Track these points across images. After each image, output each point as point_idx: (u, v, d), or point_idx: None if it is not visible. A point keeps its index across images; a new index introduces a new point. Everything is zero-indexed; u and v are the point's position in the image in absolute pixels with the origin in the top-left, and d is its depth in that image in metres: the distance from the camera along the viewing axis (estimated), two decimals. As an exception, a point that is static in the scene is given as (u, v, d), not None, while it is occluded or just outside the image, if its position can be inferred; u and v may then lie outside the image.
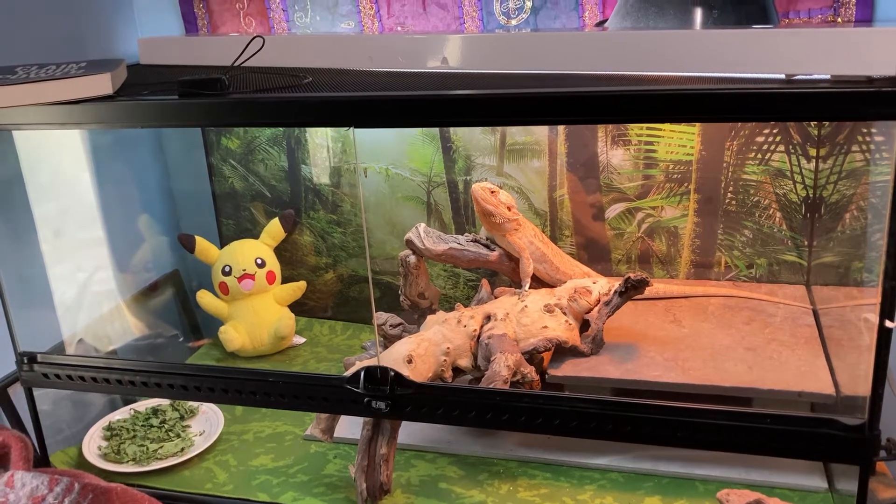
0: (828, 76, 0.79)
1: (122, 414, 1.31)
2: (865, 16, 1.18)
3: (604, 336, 1.16)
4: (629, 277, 1.13)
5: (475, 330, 1.14)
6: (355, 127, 0.91)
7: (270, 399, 1.06)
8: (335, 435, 1.12)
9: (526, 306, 1.17)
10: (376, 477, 1.06)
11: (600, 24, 1.24)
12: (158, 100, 0.96)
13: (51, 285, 1.30)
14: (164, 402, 1.34)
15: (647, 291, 1.16)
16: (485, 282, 1.29)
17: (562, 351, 1.16)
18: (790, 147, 1.26)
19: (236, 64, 1.00)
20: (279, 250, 1.53)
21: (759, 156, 1.27)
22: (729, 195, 1.31)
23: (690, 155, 1.30)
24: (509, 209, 1.21)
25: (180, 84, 0.95)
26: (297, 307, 1.54)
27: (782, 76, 0.81)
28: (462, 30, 1.33)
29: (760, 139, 1.26)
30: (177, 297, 1.60)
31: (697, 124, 1.28)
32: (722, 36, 0.87)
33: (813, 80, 0.79)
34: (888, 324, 0.80)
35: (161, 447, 1.22)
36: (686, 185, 1.32)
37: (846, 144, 1.22)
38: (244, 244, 1.50)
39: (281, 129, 1.49)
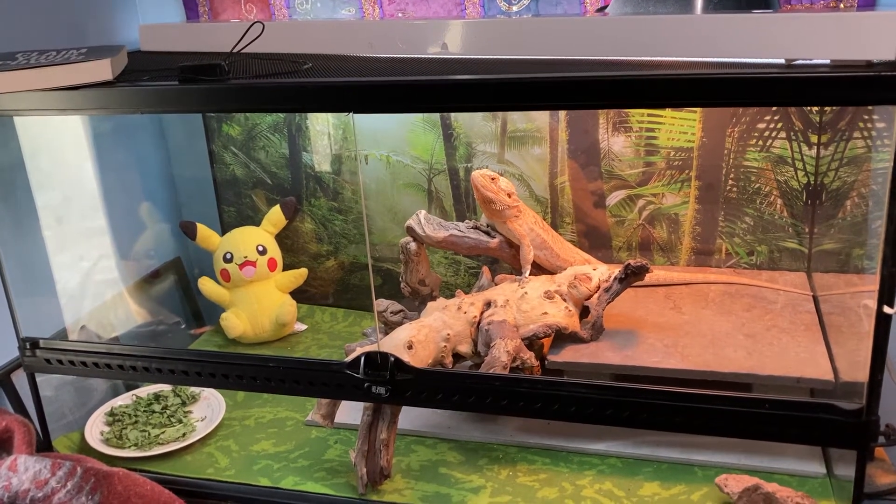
0: (828, 61, 0.79)
1: (124, 400, 1.32)
2: (868, 2, 1.17)
3: (603, 322, 1.17)
4: (629, 264, 1.14)
5: (475, 316, 1.14)
6: (355, 112, 0.91)
7: (271, 384, 1.07)
8: (336, 420, 1.12)
9: (526, 293, 1.17)
10: (377, 462, 1.07)
11: (601, 9, 1.24)
12: (158, 85, 0.96)
13: (53, 272, 1.30)
14: (166, 387, 1.34)
15: (647, 278, 1.17)
16: (485, 269, 1.30)
17: (562, 337, 1.17)
18: (791, 134, 1.25)
19: (236, 50, 1.00)
20: (280, 237, 1.53)
21: (761, 143, 1.27)
22: (730, 182, 1.30)
23: (691, 142, 1.30)
24: (509, 196, 1.21)
25: (180, 70, 0.95)
26: (299, 294, 1.54)
27: (782, 61, 0.81)
28: (463, 16, 1.33)
29: (762, 126, 1.26)
30: (178, 284, 1.60)
31: (698, 111, 1.27)
32: (722, 21, 0.86)
33: (813, 65, 0.79)
34: (887, 310, 0.80)
35: (163, 432, 1.22)
36: (687, 172, 1.32)
37: (847, 131, 1.22)
38: (245, 231, 1.50)
39: (282, 116, 1.49)
